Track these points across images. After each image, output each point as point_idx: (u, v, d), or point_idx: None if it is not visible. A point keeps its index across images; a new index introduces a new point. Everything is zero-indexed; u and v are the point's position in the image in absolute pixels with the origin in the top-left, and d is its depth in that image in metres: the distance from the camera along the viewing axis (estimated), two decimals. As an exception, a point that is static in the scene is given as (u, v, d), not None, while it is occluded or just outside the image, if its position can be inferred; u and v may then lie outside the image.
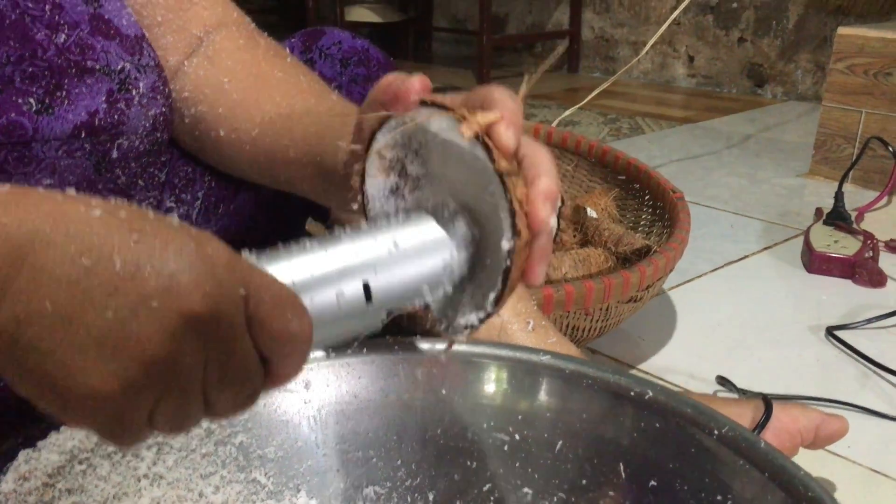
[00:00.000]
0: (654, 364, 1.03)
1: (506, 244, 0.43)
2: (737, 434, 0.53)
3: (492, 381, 0.61)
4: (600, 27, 3.23)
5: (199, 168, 0.73)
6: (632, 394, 0.57)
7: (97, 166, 0.61)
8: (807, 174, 1.83)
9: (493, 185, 0.43)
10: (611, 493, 0.57)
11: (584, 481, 0.58)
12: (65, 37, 0.58)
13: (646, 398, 0.56)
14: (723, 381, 0.96)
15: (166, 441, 0.53)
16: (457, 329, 0.48)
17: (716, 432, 0.53)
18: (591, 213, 1.18)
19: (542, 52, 3.49)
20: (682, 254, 1.01)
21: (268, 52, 0.69)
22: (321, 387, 0.59)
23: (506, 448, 0.60)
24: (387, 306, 0.44)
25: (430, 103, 0.45)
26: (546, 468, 0.59)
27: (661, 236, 1.16)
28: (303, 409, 0.59)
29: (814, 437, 0.75)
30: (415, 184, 0.49)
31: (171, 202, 0.72)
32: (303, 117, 0.63)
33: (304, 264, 0.41)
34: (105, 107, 0.59)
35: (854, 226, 1.39)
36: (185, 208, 0.73)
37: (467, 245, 0.47)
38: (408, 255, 0.44)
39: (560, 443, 0.59)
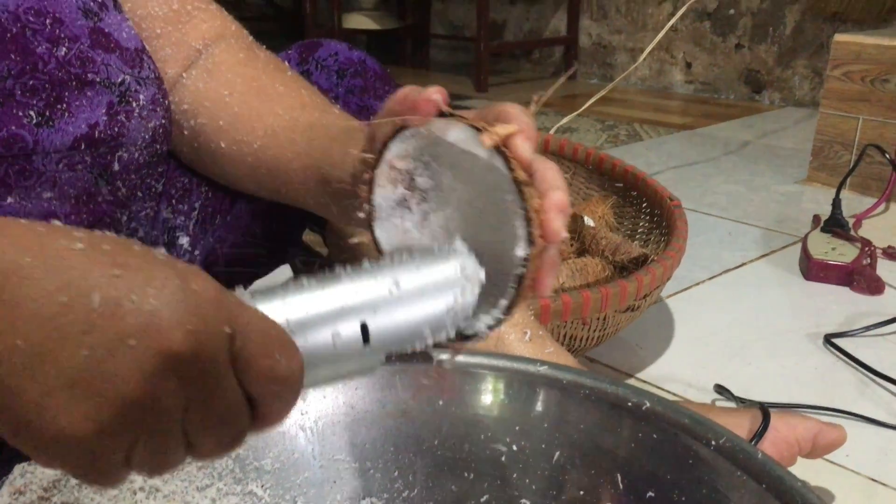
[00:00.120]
0: (652, 373, 1.03)
1: (520, 252, 0.43)
2: (734, 445, 0.52)
3: (489, 392, 0.60)
4: (598, 34, 3.23)
5: (195, 179, 0.73)
6: (629, 404, 0.57)
7: (98, 179, 0.61)
8: (804, 181, 1.83)
9: (511, 194, 0.43)
10: (608, 504, 0.57)
11: (581, 492, 0.58)
12: (65, 50, 0.58)
13: (643, 409, 0.56)
14: (721, 389, 0.96)
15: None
16: (464, 338, 0.47)
17: (713, 443, 0.53)
18: (589, 221, 1.18)
19: (539, 59, 3.49)
20: (679, 262, 1.01)
21: (268, 65, 0.70)
22: (318, 398, 0.59)
23: (503, 459, 0.60)
24: (385, 349, 0.43)
25: (446, 115, 0.46)
26: (543, 479, 0.59)
27: (658, 244, 1.16)
28: (299, 420, 0.59)
29: (812, 446, 0.75)
30: (422, 196, 0.49)
31: (167, 213, 0.72)
32: (306, 130, 0.63)
33: (300, 303, 0.40)
34: (105, 119, 0.60)
35: (852, 233, 1.39)
36: (182, 219, 0.73)
37: (475, 286, 0.45)
38: (410, 297, 0.43)
39: (557, 453, 0.59)
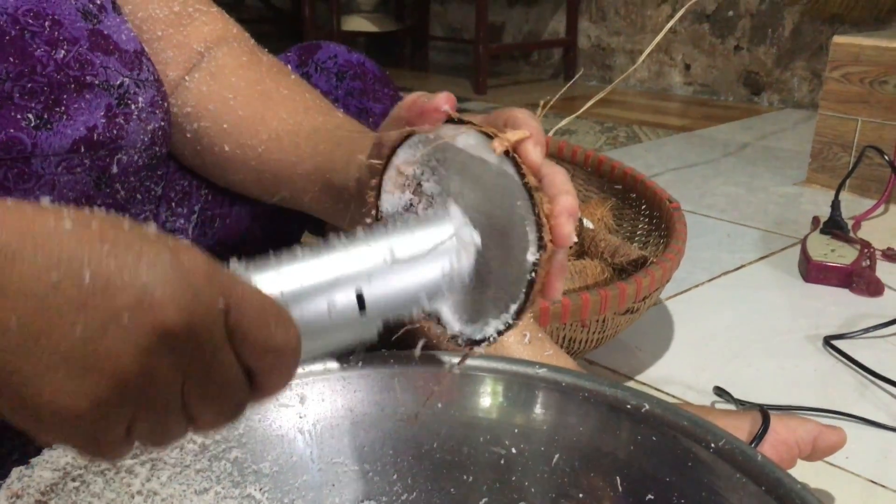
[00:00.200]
0: (652, 375, 1.02)
1: (531, 256, 0.43)
2: (734, 447, 0.52)
3: (488, 395, 0.60)
4: (597, 36, 3.23)
5: (195, 181, 0.73)
6: (628, 407, 0.57)
7: (97, 182, 0.61)
8: (803, 182, 1.83)
9: (522, 199, 0.43)
10: (608, 507, 0.57)
11: (581, 495, 0.58)
12: (64, 53, 0.58)
13: (642, 411, 0.56)
14: (720, 391, 0.96)
15: (160, 457, 0.53)
16: (473, 343, 0.48)
17: (713, 445, 0.53)
18: (588, 223, 1.18)
19: (538, 61, 3.49)
20: (678, 264, 1.01)
21: (271, 69, 0.70)
22: (316, 401, 0.59)
23: (502, 462, 0.59)
24: (382, 316, 0.43)
25: (454, 121, 0.46)
26: (542, 482, 0.59)
27: (657, 246, 1.16)
28: (298, 423, 0.59)
29: (812, 448, 0.75)
30: (429, 202, 0.49)
31: (167, 216, 0.72)
32: (311, 134, 0.63)
33: (294, 273, 0.40)
34: (104, 122, 0.59)
35: (851, 234, 1.39)
36: (182, 222, 0.73)
37: (470, 251, 0.46)
38: (404, 263, 0.43)
39: (556, 456, 0.58)
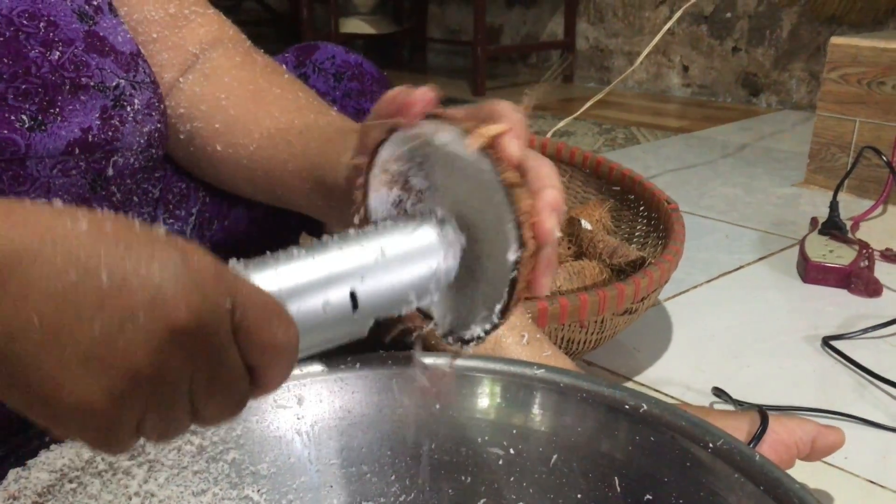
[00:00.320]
0: (650, 376, 1.02)
1: (512, 255, 0.43)
2: (732, 447, 0.52)
3: (486, 396, 0.60)
4: (595, 37, 3.24)
5: (192, 184, 0.73)
6: (626, 407, 0.57)
7: (93, 184, 0.61)
8: (802, 183, 1.83)
9: (499, 196, 0.43)
10: (606, 507, 0.57)
11: (579, 495, 0.58)
12: (59, 54, 0.58)
13: (641, 411, 0.56)
14: (719, 392, 0.96)
15: (157, 459, 0.53)
16: (462, 342, 0.48)
17: (711, 445, 0.53)
18: (586, 224, 1.18)
19: (536, 63, 3.50)
20: (677, 265, 1.01)
21: (265, 69, 0.69)
22: (314, 402, 0.59)
23: (500, 462, 0.59)
24: (373, 313, 0.44)
25: (435, 116, 0.45)
26: (541, 483, 0.59)
27: (655, 247, 1.16)
28: (296, 424, 0.59)
29: (810, 448, 0.75)
30: (418, 196, 0.49)
31: (164, 218, 0.72)
32: (302, 133, 0.63)
33: (291, 272, 0.41)
34: (99, 123, 0.59)
35: (849, 235, 1.39)
36: (179, 224, 0.72)
37: (457, 250, 0.47)
38: (394, 262, 0.45)
39: (555, 457, 0.58)
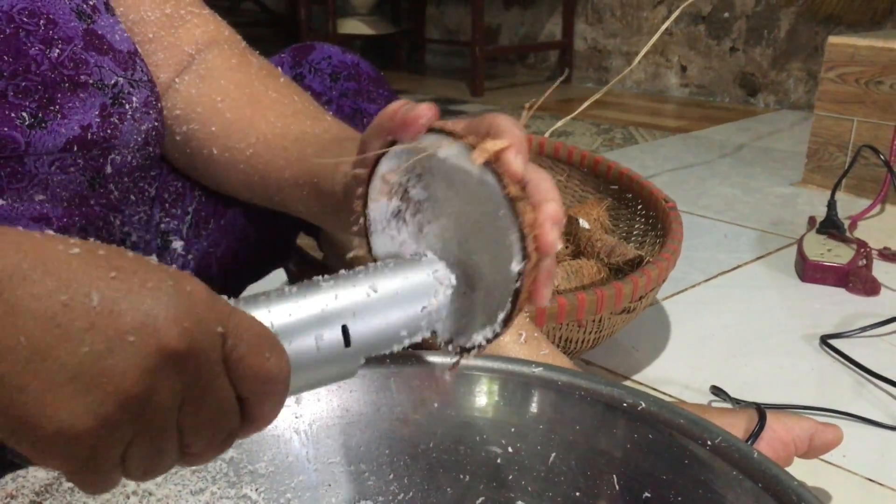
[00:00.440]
0: (649, 374, 1.02)
1: (515, 266, 0.44)
2: (730, 444, 0.52)
3: (484, 394, 0.60)
4: (593, 38, 3.24)
5: (189, 183, 0.73)
6: (624, 405, 0.57)
7: (91, 182, 0.61)
8: (800, 183, 1.84)
9: (503, 210, 0.44)
10: (604, 505, 0.57)
11: (577, 493, 0.58)
12: (58, 52, 0.58)
13: (639, 409, 0.56)
14: (717, 390, 0.96)
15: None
16: (463, 350, 0.48)
17: (709, 443, 0.53)
18: (584, 223, 1.18)
19: (534, 63, 3.50)
20: (675, 264, 1.01)
21: (261, 72, 0.69)
22: (312, 401, 0.59)
23: (499, 461, 0.59)
24: (366, 351, 0.45)
25: (435, 129, 0.46)
26: (539, 481, 0.59)
27: (653, 246, 1.16)
28: (294, 423, 0.59)
29: (808, 446, 0.75)
30: (417, 207, 0.49)
31: (161, 216, 0.72)
32: (298, 139, 0.63)
33: (284, 309, 0.42)
34: (98, 121, 0.59)
35: (847, 234, 1.39)
36: (176, 223, 0.72)
37: (448, 289, 0.48)
38: (386, 301, 0.45)
39: (553, 455, 0.58)
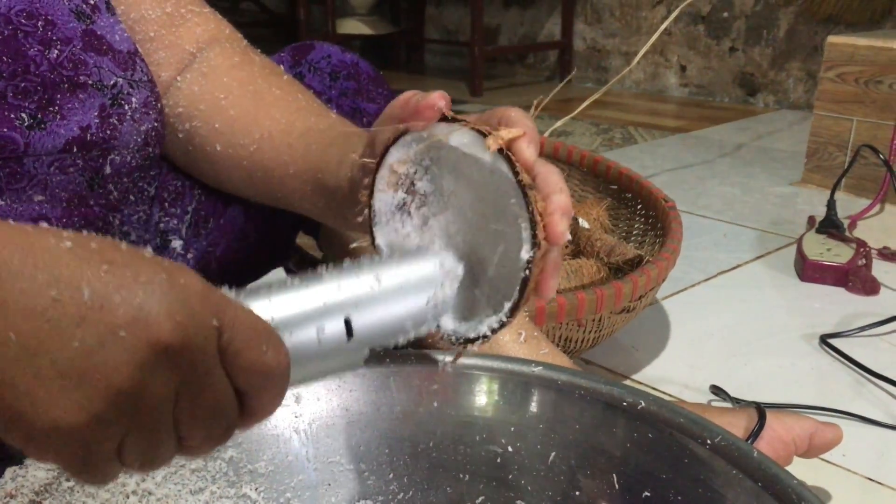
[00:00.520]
0: (648, 374, 1.02)
1: (525, 254, 0.43)
2: (730, 443, 0.52)
3: (483, 393, 0.60)
4: (592, 38, 3.24)
5: (188, 182, 0.73)
6: (624, 404, 0.57)
7: (90, 182, 0.61)
8: (799, 182, 1.83)
9: (516, 197, 0.43)
10: (604, 504, 0.57)
11: (577, 493, 0.58)
12: (57, 52, 0.58)
13: (638, 408, 0.56)
14: (717, 390, 0.96)
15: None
16: (468, 341, 0.48)
17: (709, 442, 0.53)
18: (583, 223, 1.18)
19: (534, 63, 3.50)
20: (674, 263, 1.01)
21: (263, 70, 0.69)
22: (312, 400, 0.59)
23: (498, 460, 0.59)
24: (368, 343, 0.44)
25: (449, 119, 0.46)
26: (539, 480, 0.59)
27: (653, 246, 1.16)
28: (293, 422, 0.59)
29: (808, 445, 0.75)
30: (422, 200, 0.49)
31: (160, 216, 0.72)
32: (303, 135, 0.63)
33: (285, 301, 0.41)
34: (97, 122, 0.59)
35: (847, 234, 1.39)
36: (175, 222, 0.72)
37: (455, 281, 0.47)
38: (391, 293, 0.44)
39: (553, 454, 0.58)
